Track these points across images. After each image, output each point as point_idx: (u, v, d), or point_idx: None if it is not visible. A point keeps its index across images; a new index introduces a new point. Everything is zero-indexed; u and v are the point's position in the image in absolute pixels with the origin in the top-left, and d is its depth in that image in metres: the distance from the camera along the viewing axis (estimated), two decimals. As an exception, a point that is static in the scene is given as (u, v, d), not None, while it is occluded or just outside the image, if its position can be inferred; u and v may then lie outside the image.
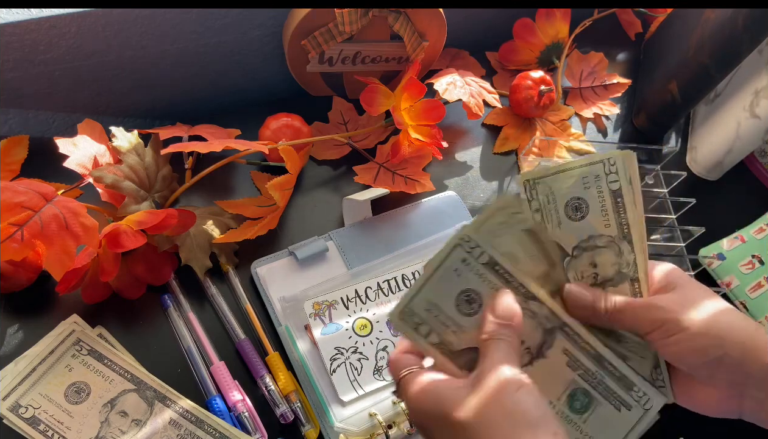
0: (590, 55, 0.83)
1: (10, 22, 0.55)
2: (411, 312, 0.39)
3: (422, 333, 0.39)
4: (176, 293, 0.59)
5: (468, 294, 0.39)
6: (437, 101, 0.66)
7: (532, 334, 0.41)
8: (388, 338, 0.58)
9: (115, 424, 0.51)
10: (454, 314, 0.39)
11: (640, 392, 0.42)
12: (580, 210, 0.43)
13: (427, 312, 0.39)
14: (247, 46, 0.68)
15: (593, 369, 0.42)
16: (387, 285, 0.61)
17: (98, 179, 0.56)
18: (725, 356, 0.39)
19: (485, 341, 0.38)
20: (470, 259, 0.39)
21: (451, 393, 0.36)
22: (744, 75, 0.71)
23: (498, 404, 0.34)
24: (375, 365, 0.56)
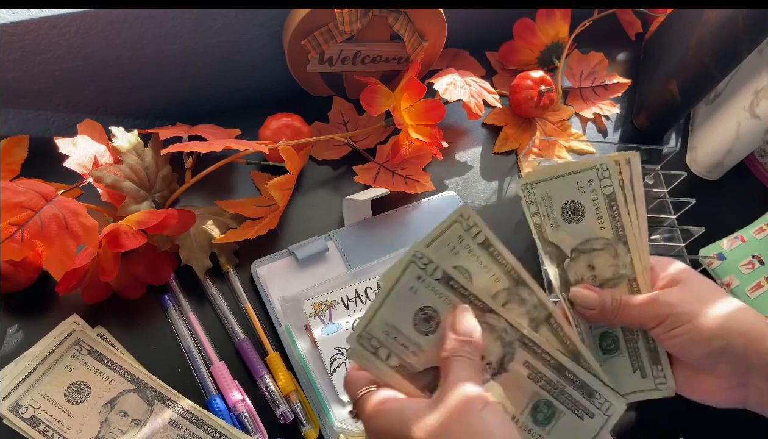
0: (590, 55, 0.83)
1: (10, 22, 0.55)
2: (369, 336, 0.38)
3: (381, 357, 0.38)
4: (176, 293, 0.59)
5: (425, 312, 0.39)
6: (437, 101, 0.66)
7: (492, 348, 0.40)
8: None
9: (115, 424, 0.51)
10: (412, 334, 0.38)
11: (602, 399, 0.42)
12: (576, 213, 0.44)
13: (385, 335, 0.38)
14: (247, 46, 0.68)
15: (555, 379, 0.42)
16: (387, 285, 0.61)
17: (98, 179, 0.56)
18: (728, 347, 0.40)
19: (446, 360, 0.37)
20: (424, 275, 0.38)
21: (413, 412, 0.35)
22: (744, 75, 0.71)
23: (462, 422, 0.33)
24: None
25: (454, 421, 0.33)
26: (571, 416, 0.42)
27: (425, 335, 0.38)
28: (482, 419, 0.33)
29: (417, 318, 0.38)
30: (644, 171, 0.75)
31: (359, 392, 0.38)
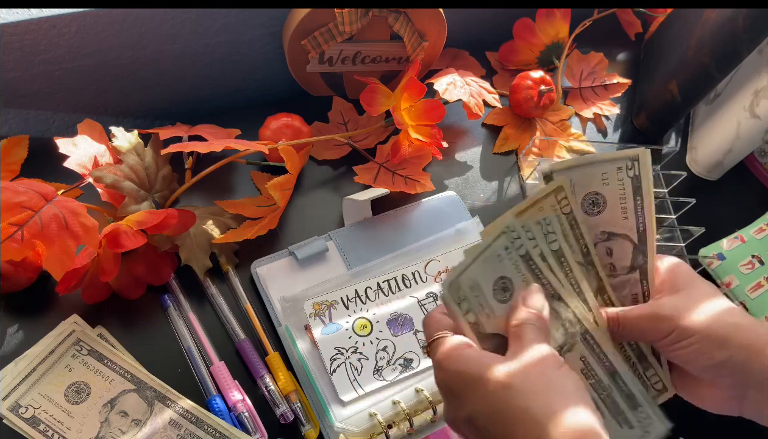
0: (590, 55, 0.83)
1: (10, 22, 0.55)
2: (458, 286, 0.39)
3: (463, 310, 0.39)
4: (176, 293, 0.59)
5: (504, 281, 0.40)
6: (437, 101, 0.66)
7: (553, 334, 0.41)
8: (388, 338, 0.58)
9: (115, 424, 0.51)
10: (490, 297, 0.39)
11: (644, 414, 0.42)
12: (597, 205, 0.44)
13: (470, 290, 0.39)
14: (247, 46, 0.68)
15: (605, 382, 0.42)
16: (387, 285, 0.61)
17: (98, 179, 0.56)
18: (729, 360, 0.39)
19: (518, 326, 0.38)
20: (511, 248, 0.39)
21: (491, 359, 0.36)
22: (744, 75, 0.71)
23: (541, 374, 0.35)
24: (375, 365, 0.56)
25: (534, 370, 0.35)
26: (611, 421, 0.42)
27: (500, 303, 0.39)
28: (560, 375, 0.35)
29: (497, 284, 0.39)
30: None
31: (438, 333, 0.39)
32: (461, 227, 0.65)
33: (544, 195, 0.41)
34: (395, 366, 0.57)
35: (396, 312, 0.59)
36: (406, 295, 0.60)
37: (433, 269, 0.62)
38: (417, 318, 0.59)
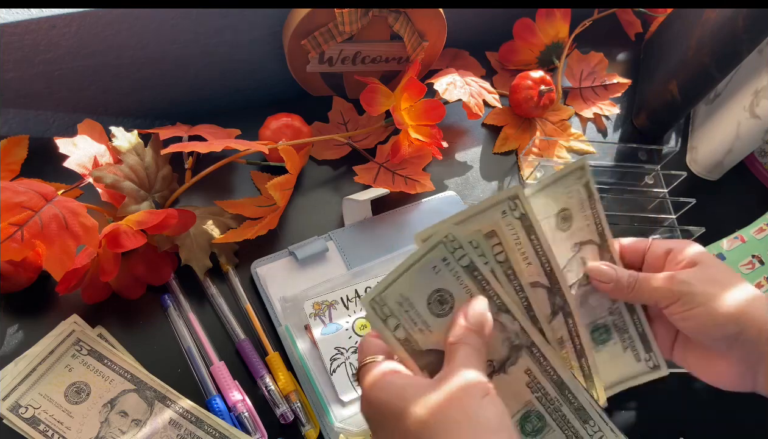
0: (590, 55, 0.83)
1: (10, 22, 0.55)
2: (382, 302, 0.37)
3: (390, 326, 0.38)
4: (176, 293, 0.59)
5: (441, 294, 0.38)
6: (437, 101, 0.66)
7: (497, 347, 0.40)
8: None
9: (115, 424, 0.51)
10: (424, 312, 0.38)
11: (596, 427, 0.42)
12: (567, 220, 0.44)
13: (398, 305, 0.37)
14: (247, 46, 0.68)
15: (553, 395, 0.41)
16: (387, 285, 0.60)
17: (98, 179, 0.56)
18: (741, 334, 0.40)
19: (453, 345, 0.37)
20: (451, 259, 0.38)
21: (412, 389, 0.35)
22: (744, 75, 0.71)
23: (461, 406, 0.33)
24: None
25: (454, 403, 0.33)
26: (560, 436, 0.42)
27: (436, 317, 0.38)
28: (482, 407, 0.33)
29: (432, 298, 0.38)
30: (644, 171, 0.75)
31: (368, 357, 0.38)
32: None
33: (491, 204, 0.39)
34: None
35: None
36: (406, 295, 0.60)
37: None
38: None
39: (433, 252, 0.37)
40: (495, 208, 0.40)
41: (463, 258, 0.38)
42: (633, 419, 0.60)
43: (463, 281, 0.38)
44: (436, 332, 0.38)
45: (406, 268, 0.37)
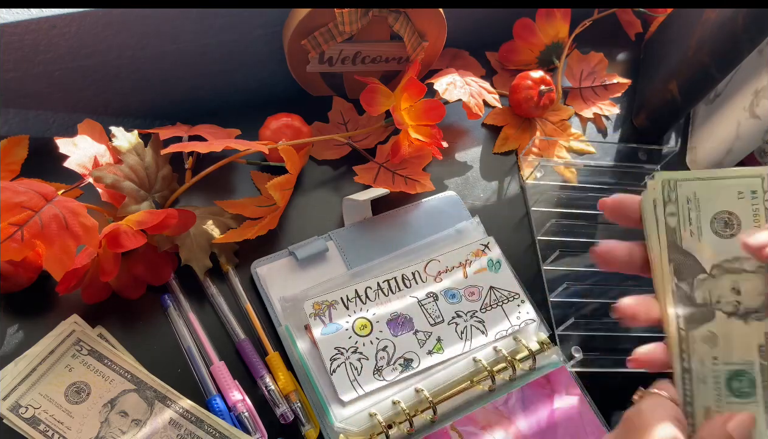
0: (590, 55, 0.83)
1: (10, 22, 0.55)
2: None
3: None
4: (176, 293, 0.59)
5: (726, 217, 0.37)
6: (437, 101, 0.66)
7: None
8: (387, 338, 0.58)
9: (115, 424, 0.51)
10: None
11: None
12: (730, 226, 0.38)
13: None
14: (247, 46, 0.68)
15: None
16: (387, 285, 0.61)
17: (98, 179, 0.56)
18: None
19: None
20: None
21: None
22: (744, 75, 0.71)
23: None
24: (375, 365, 0.56)
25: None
26: (763, 415, 0.37)
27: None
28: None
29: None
30: (644, 171, 0.75)
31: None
32: (461, 227, 0.65)
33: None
34: (395, 366, 0.57)
35: (396, 312, 0.59)
36: (406, 295, 0.60)
37: (433, 269, 0.62)
38: (417, 318, 0.59)
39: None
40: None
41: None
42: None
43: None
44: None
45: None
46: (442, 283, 0.62)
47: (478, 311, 0.60)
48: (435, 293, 0.61)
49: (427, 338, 0.58)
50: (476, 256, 0.64)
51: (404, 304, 0.60)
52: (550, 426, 0.56)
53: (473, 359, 0.58)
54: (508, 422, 0.55)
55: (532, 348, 0.58)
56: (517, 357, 0.58)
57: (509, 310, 0.61)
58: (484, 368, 0.56)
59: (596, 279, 0.66)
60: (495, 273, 0.63)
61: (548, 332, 0.61)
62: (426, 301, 0.61)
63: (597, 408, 0.58)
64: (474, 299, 0.61)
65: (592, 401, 0.58)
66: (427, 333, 0.58)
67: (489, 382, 0.56)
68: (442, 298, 0.61)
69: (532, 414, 0.56)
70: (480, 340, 0.59)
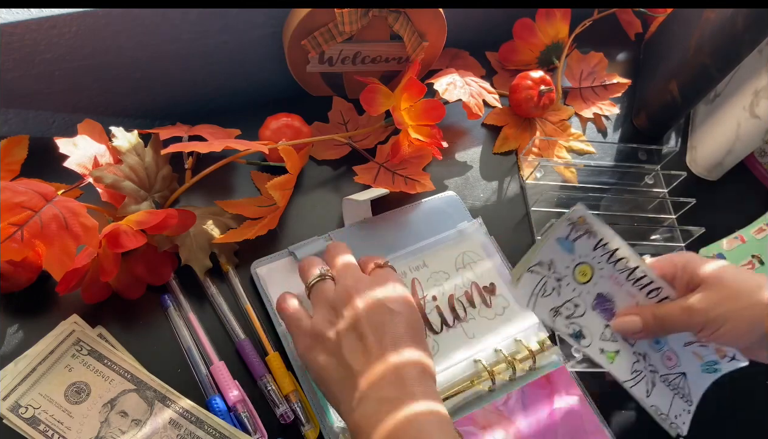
0: (590, 55, 0.83)
1: (10, 22, 0.55)
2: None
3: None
4: (176, 293, 0.59)
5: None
6: (437, 101, 0.66)
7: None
8: None
9: (115, 424, 0.51)
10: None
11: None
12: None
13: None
14: (247, 46, 0.68)
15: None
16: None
17: (98, 179, 0.56)
18: (765, 334, 0.45)
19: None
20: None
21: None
22: (744, 75, 0.71)
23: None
24: None
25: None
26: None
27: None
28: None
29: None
30: (644, 171, 0.75)
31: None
32: (462, 228, 0.65)
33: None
34: None
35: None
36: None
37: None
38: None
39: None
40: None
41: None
42: (633, 419, 0.60)
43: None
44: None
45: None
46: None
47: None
48: (434, 294, 0.61)
49: (609, 337, 0.54)
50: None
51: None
52: (550, 426, 0.56)
53: (473, 360, 0.58)
54: (508, 422, 0.55)
55: (532, 348, 0.58)
56: (517, 357, 0.58)
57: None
58: (484, 368, 0.56)
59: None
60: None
61: (548, 332, 0.61)
62: (426, 301, 0.61)
63: (597, 408, 0.58)
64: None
65: (592, 401, 0.58)
66: (614, 339, 0.55)
67: (489, 382, 0.56)
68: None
69: (532, 414, 0.56)
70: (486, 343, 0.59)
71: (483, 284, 0.62)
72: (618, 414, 0.60)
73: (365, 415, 0.42)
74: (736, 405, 0.62)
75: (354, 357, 0.45)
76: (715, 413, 0.62)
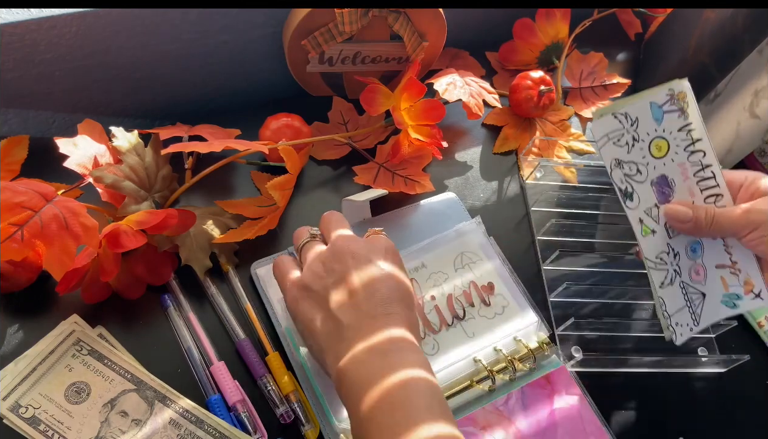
0: (590, 55, 0.83)
1: (10, 22, 0.55)
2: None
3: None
4: (176, 293, 0.59)
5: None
6: (437, 101, 0.67)
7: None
8: None
9: (115, 424, 0.51)
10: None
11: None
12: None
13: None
14: (247, 46, 0.68)
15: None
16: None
17: (98, 179, 0.56)
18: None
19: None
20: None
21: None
22: (744, 75, 0.71)
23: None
24: None
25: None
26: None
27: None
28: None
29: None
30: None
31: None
32: (461, 228, 0.65)
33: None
34: None
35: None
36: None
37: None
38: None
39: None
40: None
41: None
42: (633, 419, 0.60)
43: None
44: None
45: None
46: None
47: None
48: (434, 295, 0.61)
49: (653, 216, 0.54)
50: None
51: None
52: (550, 426, 0.56)
53: (473, 359, 0.58)
54: (508, 422, 0.55)
55: (532, 347, 0.59)
56: (517, 357, 0.58)
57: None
58: (484, 368, 0.56)
59: (596, 279, 0.66)
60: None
61: (548, 332, 0.61)
62: (426, 300, 0.61)
63: (597, 408, 0.58)
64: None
65: (592, 401, 0.58)
66: (656, 219, 0.54)
67: (489, 382, 0.56)
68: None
69: (532, 414, 0.56)
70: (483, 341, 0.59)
71: (482, 284, 0.62)
72: (618, 414, 0.60)
73: (354, 364, 0.42)
74: (736, 405, 0.62)
75: (342, 311, 0.45)
76: (715, 413, 0.62)
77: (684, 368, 0.62)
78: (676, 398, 0.62)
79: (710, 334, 0.65)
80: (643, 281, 0.66)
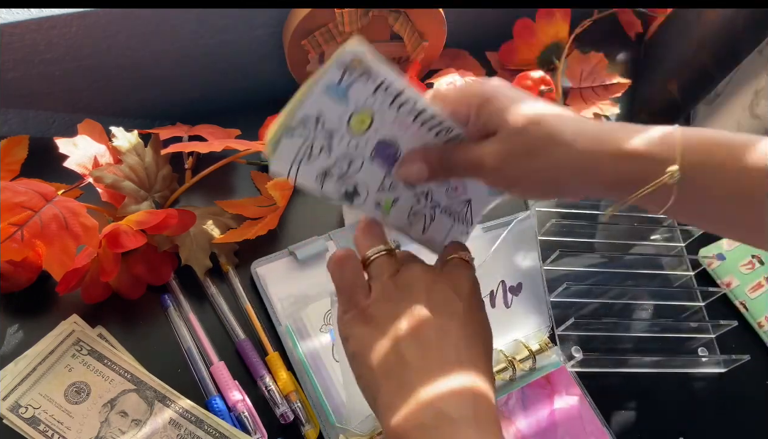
0: (590, 55, 0.83)
1: (10, 22, 0.55)
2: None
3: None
4: (176, 293, 0.59)
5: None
6: (437, 101, 0.66)
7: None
8: (364, 154, 0.51)
9: (115, 424, 0.51)
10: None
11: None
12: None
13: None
14: (247, 46, 0.68)
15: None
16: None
17: (98, 179, 0.56)
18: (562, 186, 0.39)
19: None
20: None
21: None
22: (744, 75, 0.71)
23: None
24: (327, 165, 0.51)
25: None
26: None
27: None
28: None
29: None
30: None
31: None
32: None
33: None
34: (341, 183, 0.51)
35: (384, 141, 0.52)
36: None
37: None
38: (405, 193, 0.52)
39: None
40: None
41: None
42: (633, 419, 0.60)
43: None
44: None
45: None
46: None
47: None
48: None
49: (388, 187, 0.46)
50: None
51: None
52: (550, 426, 0.56)
53: None
54: (508, 422, 0.55)
55: (532, 348, 0.58)
56: (518, 357, 0.58)
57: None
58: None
59: (596, 279, 0.66)
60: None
61: (548, 332, 0.61)
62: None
63: (597, 408, 0.58)
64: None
65: (592, 401, 0.58)
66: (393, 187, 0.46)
67: (489, 382, 0.56)
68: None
69: (532, 414, 0.56)
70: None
71: (510, 284, 0.62)
72: (618, 414, 0.60)
73: (416, 430, 0.34)
74: (736, 405, 0.62)
75: (407, 345, 0.37)
76: (715, 413, 0.62)
77: (684, 368, 0.62)
78: (676, 398, 0.62)
79: (710, 334, 0.65)
80: (642, 281, 0.66)
